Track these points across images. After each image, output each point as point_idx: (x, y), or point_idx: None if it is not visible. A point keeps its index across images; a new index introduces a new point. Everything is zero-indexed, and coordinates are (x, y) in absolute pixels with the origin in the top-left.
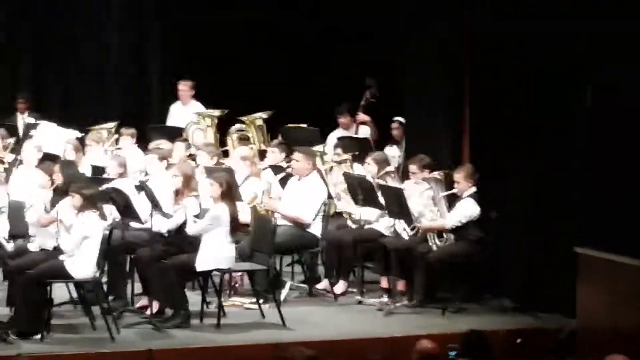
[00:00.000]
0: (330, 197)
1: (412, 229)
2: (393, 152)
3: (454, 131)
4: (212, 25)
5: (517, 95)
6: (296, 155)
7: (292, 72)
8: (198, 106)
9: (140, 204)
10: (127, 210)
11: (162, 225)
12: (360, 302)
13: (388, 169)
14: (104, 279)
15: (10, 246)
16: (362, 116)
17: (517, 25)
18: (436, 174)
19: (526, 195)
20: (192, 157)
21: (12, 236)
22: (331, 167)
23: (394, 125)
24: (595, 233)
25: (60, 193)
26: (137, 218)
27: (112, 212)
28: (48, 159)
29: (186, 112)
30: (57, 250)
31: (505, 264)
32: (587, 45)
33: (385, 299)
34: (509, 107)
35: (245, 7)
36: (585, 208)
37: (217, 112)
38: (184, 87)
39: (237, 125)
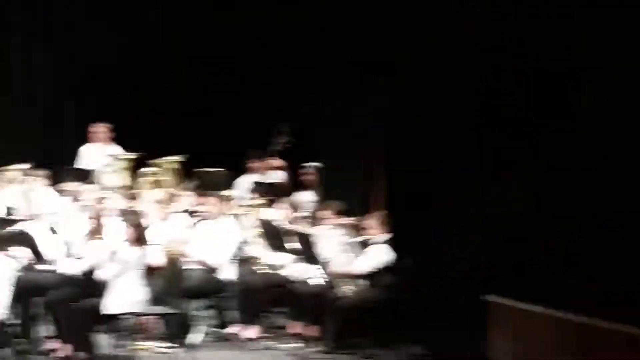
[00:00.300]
0: (242, 241)
1: (324, 275)
2: (307, 197)
3: (368, 177)
4: (126, 67)
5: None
6: (209, 199)
7: (204, 116)
8: (115, 148)
9: (52, 245)
10: (34, 252)
11: (71, 268)
12: (271, 348)
13: (300, 214)
14: (15, 321)
15: None
16: (276, 161)
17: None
18: (348, 220)
19: (440, 241)
20: (102, 199)
21: None
22: (243, 212)
23: (308, 170)
24: (505, 280)
25: None
26: (44, 260)
27: (24, 254)
28: None
29: (99, 154)
30: None
31: (418, 310)
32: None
33: (297, 344)
34: (425, 151)
35: (159, 51)
36: (496, 255)
37: (131, 155)
38: (102, 129)
39: (150, 169)
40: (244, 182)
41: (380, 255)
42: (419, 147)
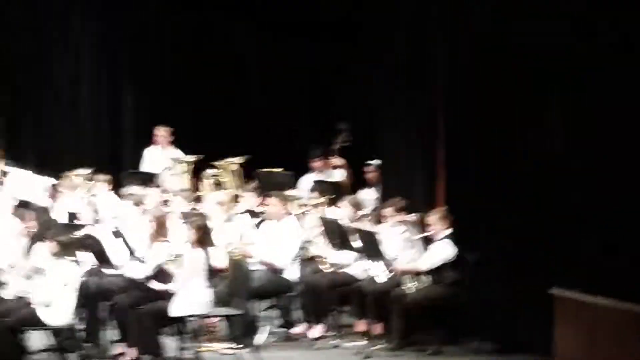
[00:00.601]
0: (306, 241)
1: (388, 272)
2: (369, 195)
3: (429, 173)
4: (187, 71)
5: (494, 136)
6: (270, 199)
7: (265, 116)
8: (175, 152)
9: (116, 250)
10: (101, 256)
11: (137, 272)
12: (337, 346)
13: (363, 212)
14: (82, 326)
15: None
16: (336, 159)
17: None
18: (411, 217)
19: (504, 236)
20: (166, 202)
21: None
22: (305, 212)
23: (369, 168)
24: (572, 274)
25: (35, 240)
26: (111, 264)
27: (88, 259)
28: (22, 207)
29: (162, 157)
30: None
31: (483, 305)
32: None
33: (362, 342)
34: (486, 148)
35: (219, 54)
36: (564, 249)
37: (192, 158)
38: (163, 133)
39: (211, 171)
40: (306, 182)
41: (443, 251)
42: (480, 140)
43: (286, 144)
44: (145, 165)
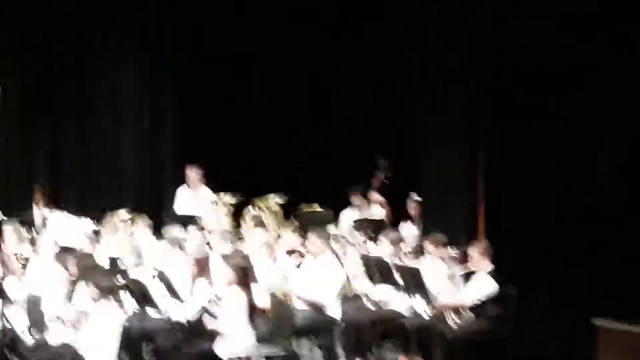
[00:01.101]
0: (347, 278)
1: (430, 308)
2: (409, 231)
3: (469, 207)
4: (221, 112)
5: (532, 167)
6: (310, 236)
7: (306, 153)
8: (207, 191)
9: (158, 292)
10: (143, 299)
11: (182, 314)
12: None
13: (404, 247)
14: None
15: (29, 340)
16: (376, 196)
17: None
18: (452, 251)
19: (545, 269)
20: (208, 244)
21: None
22: (346, 249)
23: (410, 203)
24: (615, 302)
25: (78, 285)
26: (154, 306)
27: (131, 302)
28: (64, 252)
29: (194, 196)
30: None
31: (526, 340)
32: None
33: None
34: (526, 181)
35: (250, 94)
36: (607, 279)
37: (233, 199)
38: (193, 173)
39: (252, 209)
40: (347, 219)
41: (486, 286)
42: (519, 174)
43: (327, 181)
44: (179, 204)
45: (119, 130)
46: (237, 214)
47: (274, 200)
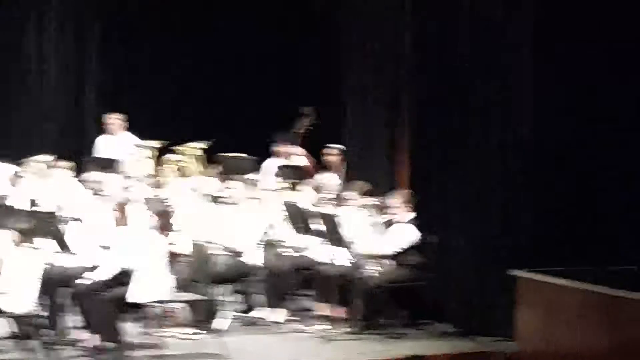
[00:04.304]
0: (269, 225)
1: (351, 256)
2: (331, 179)
3: (391, 156)
4: (146, 57)
5: (454, 120)
6: (233, 183)
7: (230, 101)
8: (131, 138)
9: (78, 236)
10: (62, 243)
11: (102, 274)
12: (300, 330)
13: (325, 196)
14: (43, 313)
15: None
16: (300, 144)
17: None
18: (373, 200)
19: (465, 218)
20: (128, 188)
21: None
22: (267, 196)
23: (331, 152)
24: (534, 254)
25: None
26: (69, 251)
27: (49, 246)
28: None
29: (116, 144)
30: None
31: (445, 288)
32: None
33: (325, 326)
34: (450, 130)
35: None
36: (526, 230)
37: (155, 144)
38: (117, 118)
39: (174, 156)
40: (270, 167)
41: (405, 234)
42: (442, 124)
43: (249, 129)
44: (98, 153)
45: (42, 77)
46: (158, 160)
47: (196, 146)
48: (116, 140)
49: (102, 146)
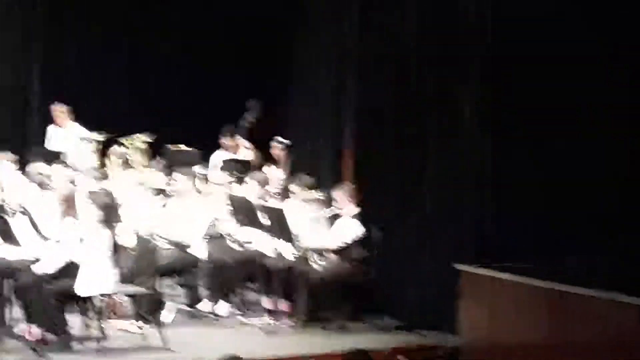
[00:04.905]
0: (214, 218)
1: (295, 250)
2: (275, 173)
3: (336, 151)
4: (94, 47)
5: (403, 110)
6: (176, 176)
7: (174, 93)
8: (77, 128)
9: (22, 228)
10: (7, 235)
11: (47, 267)
12: (243, 323)
13: (270, 189)
14: None
15: None
16: (244, 138)
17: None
18: (317, 194)
19: (408, 212)
20: (73, 181)
21: None
22: (213, 189)
23: (276, 145)
24: (477, 249)
25: None
26: (16, 243)
27: None
28: None
29: (64, 134)
30: None
31: (388, 282)
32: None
33: (267, 319)
34: (395, 122)
35: (125, 29)
36: (468, 224)
37: (100, 137)
38: (60, 110)
39: (118, 148)
40: (216, 160)
41: (349, 229)
42: (387, 119)
43: (194, 121)
44: (49, 143)
45: None
46: (103, 152)
47: (141, 139)
48: (62, 131)
49: (50, 136)
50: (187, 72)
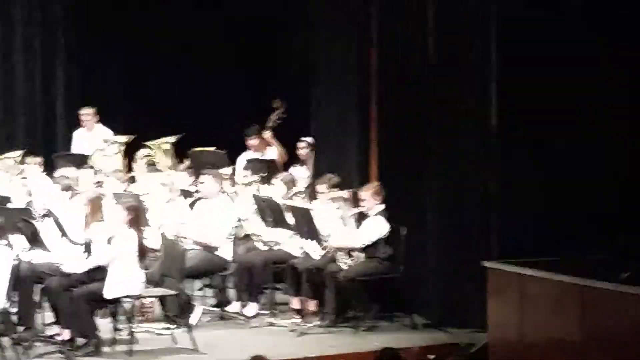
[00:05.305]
0: (239, 219)
1: (322, 249)
2: (301, 173)
3: (361, 149)
4: (116, 51)
5: (423, 112)
6: (203, 178)
7: (200, 95)
8: (104, 131)
9: (49, 232)
10: (33, 238)
11: (76, 268)
12: (271, 324)
13: (296, 189)
14: (14, 310)
15: None
16: (269, 137)
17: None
18: (344, 193)
19: (435, 211)
20: (99, 184)
21: None
22: (238, 190)
23: (301, 145)
24: (504, 245)
25: None
26: (44, 247)
27: (20, 241)
28: None
29: (91, 138)
30: None
31: (416, 280)
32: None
33: (297, 319)
34: (416, 124)
35: (148, 33)
36: (495, 221)
37: (124, 138)
38: (87, 113)
39: (144, 151)
40: (243, 161)
41: (377, 227)
42: (412, 116)
43: (221, 122)
44: (75, 148)
45: (10, 70)
46: (130, 155)
47: (166, 141)
48: (89, 135)
49: (77, 140)
50: (211, 72)
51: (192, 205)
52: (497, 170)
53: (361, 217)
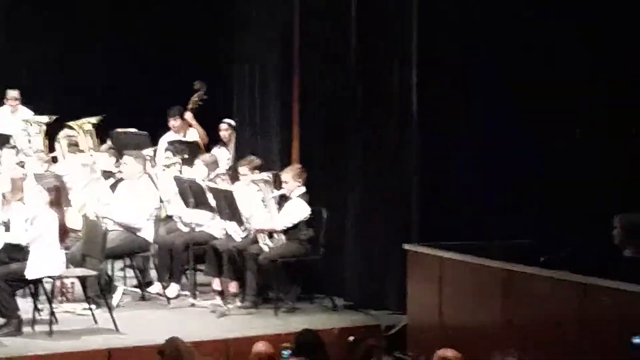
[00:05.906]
0: (161, 200)
1: (243, 231)
2: (223, 154)
3: (283, 131)
4: (39, 30)
5: (345, 94)
6: (125, 159)
7: (122, 76)
8: (26, 112)
9: None
10: None
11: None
12: (193, 305)
13: (218, 171)
14: None
15: None
16: (190, 119)
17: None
18: (265, 175)
19: (356, 193)
20: (21, 164)
21: None
22: (159, 171)
23: (223, 127)
24: (424, 229)
25: None
26: None
27: None
28: None
29: (13, 118)
30: None
31: (337, 262)
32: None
33: (218, 301)
34: (338, 104)
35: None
36: (416, 204)
37: (45, 119)
38: (15, 97)
39: (66, 131)
40: (164, 142)
41: (298, 209)
42: (332, 98)
43: (142, 104)
44: None
45: None
46: (52, 136)
47: (88, 121)
48: (12, 115)
49: (2, 120)
50: (133, 53)
51: (113, 186)
52: (417, 153)
53: (283, 199)
